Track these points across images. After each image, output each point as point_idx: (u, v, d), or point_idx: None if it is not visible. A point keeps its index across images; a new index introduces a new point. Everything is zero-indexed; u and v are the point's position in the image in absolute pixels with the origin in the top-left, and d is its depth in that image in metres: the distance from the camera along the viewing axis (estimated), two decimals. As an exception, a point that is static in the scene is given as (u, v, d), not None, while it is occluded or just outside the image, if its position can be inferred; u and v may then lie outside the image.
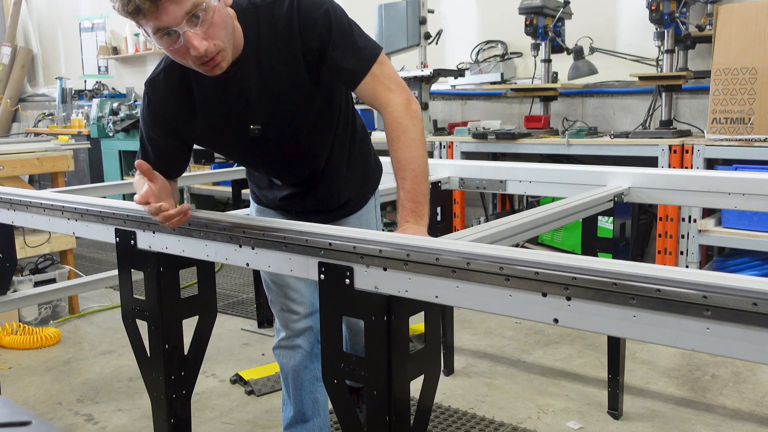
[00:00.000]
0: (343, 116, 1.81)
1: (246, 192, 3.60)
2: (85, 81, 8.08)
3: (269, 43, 1.60)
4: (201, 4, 1.40)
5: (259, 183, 1.97)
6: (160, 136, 1.72)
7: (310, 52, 1.59)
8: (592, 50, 4.35)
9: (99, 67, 8.11)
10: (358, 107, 2.03)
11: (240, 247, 1.61)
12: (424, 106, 4.59)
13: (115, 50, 7.88)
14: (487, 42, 5.07)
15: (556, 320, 1.17)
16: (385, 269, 1.35)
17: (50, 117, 7.91)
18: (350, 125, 1.86)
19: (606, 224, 2.39)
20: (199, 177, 3.74)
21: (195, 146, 1.82)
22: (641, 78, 3.93)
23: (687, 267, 3.61)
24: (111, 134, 6.51)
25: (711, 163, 3.67)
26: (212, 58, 1.47)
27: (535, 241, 4.48)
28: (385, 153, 1.69)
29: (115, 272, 2.10)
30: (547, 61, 4.39)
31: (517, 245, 1.60)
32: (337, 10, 1.59)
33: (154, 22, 1.39)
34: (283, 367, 2.06)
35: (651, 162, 3.71)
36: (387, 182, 2.04)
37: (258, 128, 1.67)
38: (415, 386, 1.44)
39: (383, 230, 2.00)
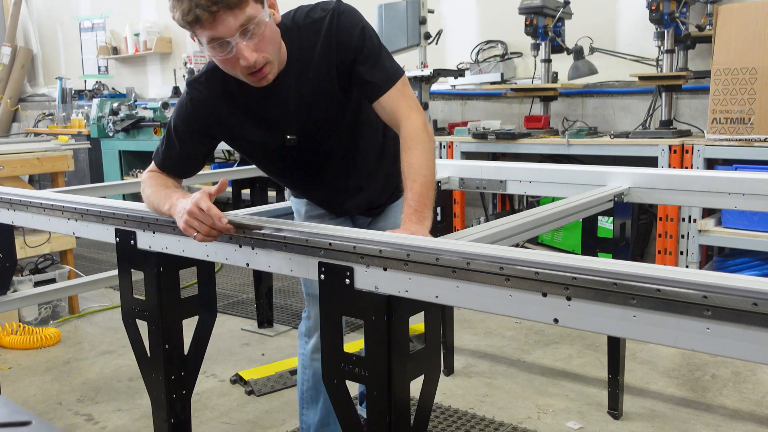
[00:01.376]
0: (369, 125, 1.87)
1: (246, 192, 3.64)
2: (85, 81, 8.08)
3: (309, 58, 1.69)
4: (254, 18, 1.49)
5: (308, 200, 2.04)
6: (190, 132, 1.76)
7: (344, 65, 1.69)
8: (592, 50, 4.35)
9: (99, 67, 8.12)
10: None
11: (240, 247, 1.61)
12: (425, 106, 4.59)
13: (115, 50, 7.88)
14: (487, 42, 5.07)
15: (556, 320, 1.17)
16: (385, 269, 1.35)
17: (50, 117, 7.91)
18: (380, 132, 1.92)
19: (606, 224, 2.39)
20: (199, 177, 3.70)
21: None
22: (641, 78, 3.93)
23: (687, 267, 3.61)
24: (111, 134, 6.51)
25: (711, 163, 3.67)
26: (260, 69, 1.56)
27: (535, 241, 4.48)
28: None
29: (115, 272, 2.09)
30: (547, 61, 4.39)
31: (517, 245, 1.60)
32: (372, 30, 1.71)
33: (210, 32, 1.48)
34: (317, 371, 2.04)
35: (651, 162, 3.71)
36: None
37: (294, 138, 1.75)
38: (415, 386, 1.44)
39: None
